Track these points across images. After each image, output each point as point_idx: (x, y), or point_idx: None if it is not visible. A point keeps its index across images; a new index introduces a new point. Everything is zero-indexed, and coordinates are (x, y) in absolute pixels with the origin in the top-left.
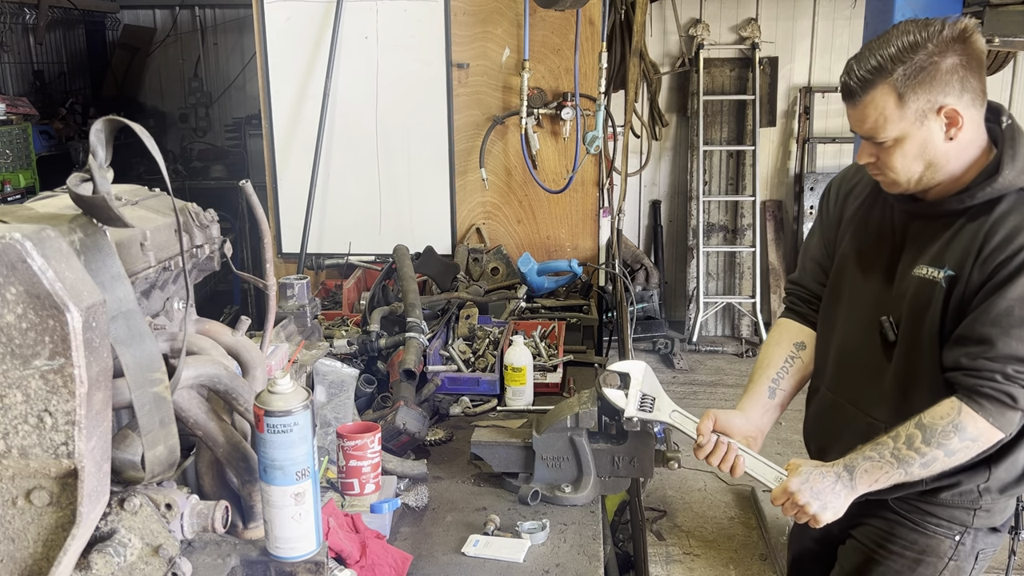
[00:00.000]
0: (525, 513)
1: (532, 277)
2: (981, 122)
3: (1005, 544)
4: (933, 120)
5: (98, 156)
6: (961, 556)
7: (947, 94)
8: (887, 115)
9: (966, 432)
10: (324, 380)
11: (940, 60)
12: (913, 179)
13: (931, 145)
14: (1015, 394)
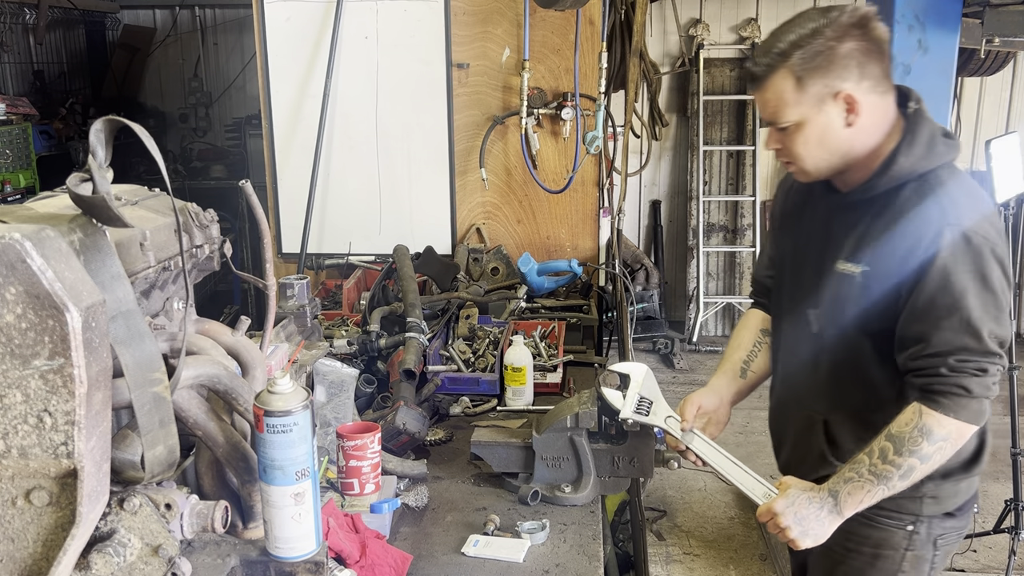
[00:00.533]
0: (525, 513)
1: (532, 277)
2: (886, 108)
3: (1005, 544)
4: (831, 105)
5: (98, 156)
6: (918, 545)
7: (845, 79)
8: (786, 99)
9: (934, 435)
10: (324, 380)
11: (838, 45)
12: (819, 166)
13: (831, 131)
14: (965, 384)
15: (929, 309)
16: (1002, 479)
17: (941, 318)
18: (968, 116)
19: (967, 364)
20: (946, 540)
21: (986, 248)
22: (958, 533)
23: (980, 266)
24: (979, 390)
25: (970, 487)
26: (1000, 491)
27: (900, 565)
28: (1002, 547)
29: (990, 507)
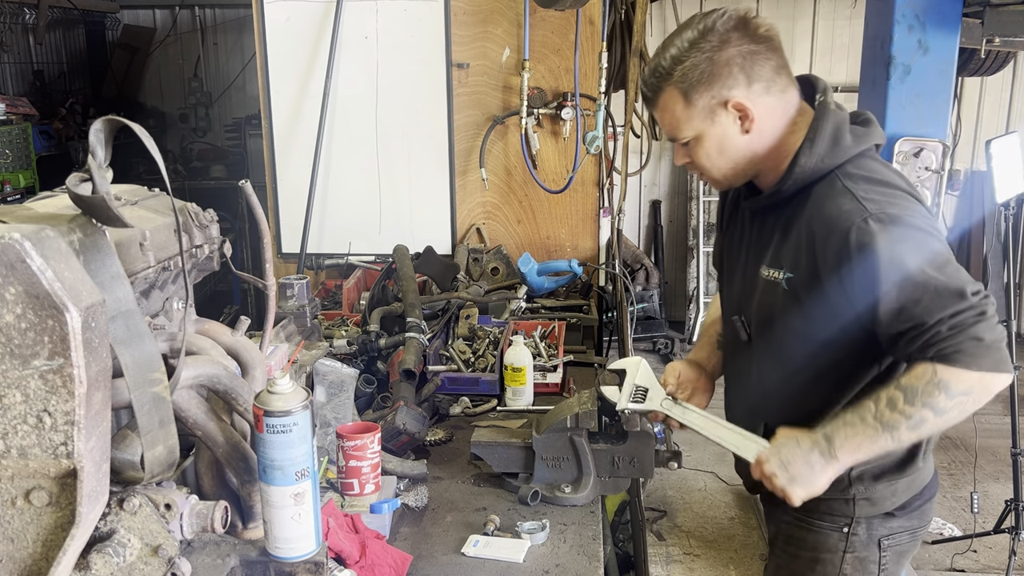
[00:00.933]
0: (525, 513)
1: (532, 277)
2: (785, 106)
3: (1005, 544)
4: (723, 115)
5: (97, 156)
6: (858, 547)
7: (731, 88)
8: (678, 116)
9: (951, 389)
10: (324, 380)
11: (717, 54)
12: (727, 175)
13: (728, 140)
14: (974, 333)
15: (906, 304)
16: (1002, 479)
17: (920, 303)
18: (968, 116)
19: (966, 316)
20: (895, 541)
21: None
22: (910, 533)
23: (919, 240)
24: (989, 335)
25: (910, 487)
26: (1000, 491)
27: (841, 568)
28: (1002, 547)
29: (990, 507)
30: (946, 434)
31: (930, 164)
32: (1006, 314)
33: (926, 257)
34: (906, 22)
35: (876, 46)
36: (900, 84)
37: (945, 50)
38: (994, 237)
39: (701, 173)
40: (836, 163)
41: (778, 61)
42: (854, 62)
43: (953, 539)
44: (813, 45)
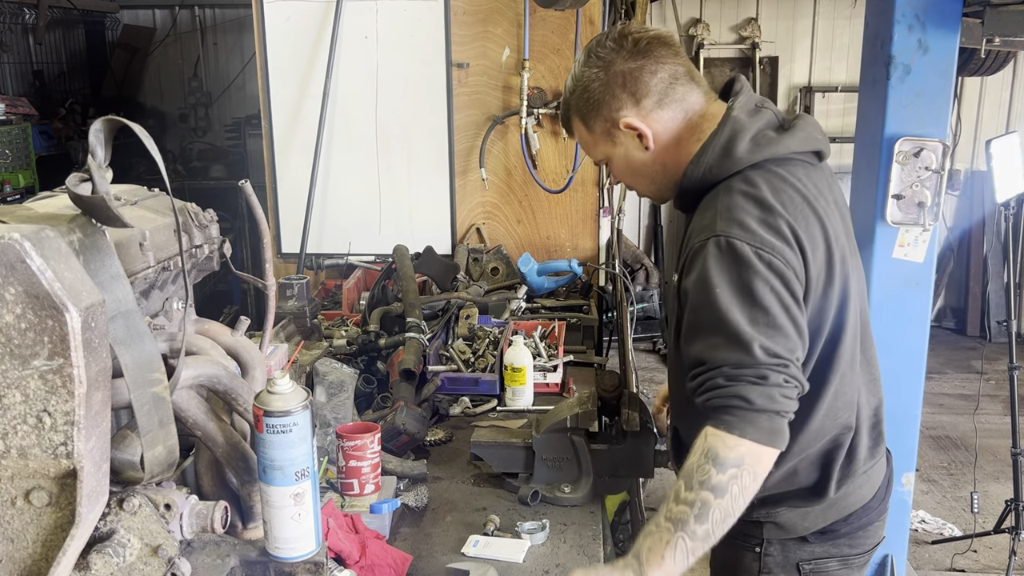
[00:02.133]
0: (525, 513)
1: (532, 277)
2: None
3: (1005, 544)
4: (621, 136)
5: (97, 156)
6: (773, 568)
7: (619, 108)
8: (585, 142)
9: (720, 459)
10: (324, 380)
11: (599, 78)
12: (650, 189)
13: (634, 159)
14: (743, 393)
15: (698, 327)
16: (1002, 479)
17: (709, 335)
18: (968, 116)
19: (744, 372)
20: (817, 567)
21: (754, 259)
22: (839, 560)
23: (745, 279)
24: (761, 400)
25: (825, 514)
26: (1000, 491)
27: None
28: (1002, 547)
29: (990, 507)
30: (946, 434)
31: (930, 164)
32: (1006, 314)
33: (742, 300)
34: (906, 22)
35: (876, 46)
36: (900, 84)
37: (945, 50)
38: (994, 237)
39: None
40: (725, 174)
41: (670, 70)
42: (854, 62)
43: (953, 539)
44: (813, 45)
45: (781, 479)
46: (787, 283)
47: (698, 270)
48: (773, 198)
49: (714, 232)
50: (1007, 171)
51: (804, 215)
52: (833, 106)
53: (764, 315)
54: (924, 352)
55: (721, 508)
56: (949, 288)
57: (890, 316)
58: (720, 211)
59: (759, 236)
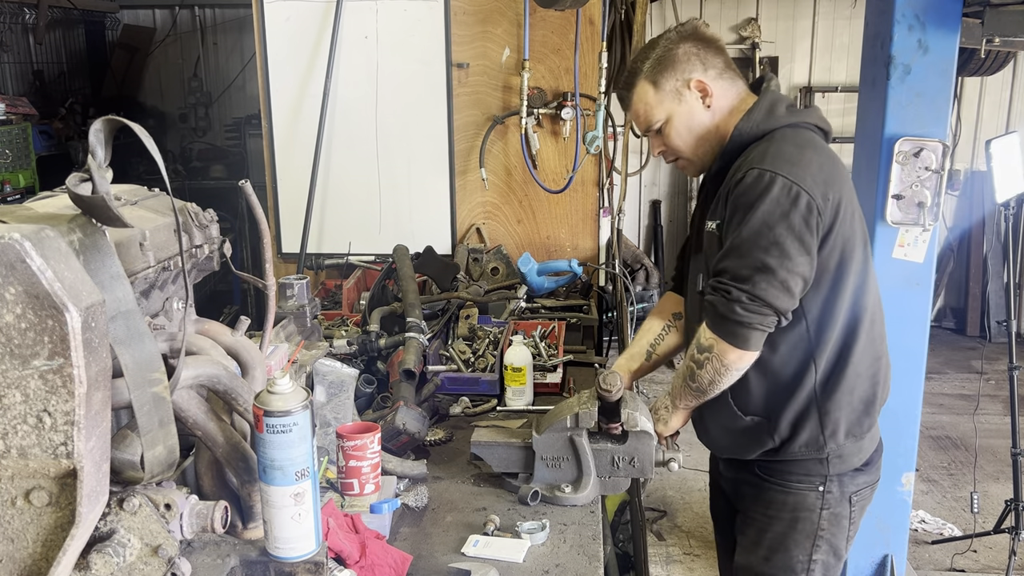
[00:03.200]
0: (525, 513)
1: (532, 277)
2: (737, 91)
3: (1005, 544)
4: (688, 93)
5: (97, 156)
6: (832, 503)
7: (691, 71)
8: (649, 102)
9: (700, 344)
10: (324, 380)
11: (675, 48)
12: (697, 152)
13: (694, 116)
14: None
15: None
16: (1002, 479)
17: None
18: (968, 116)
19: (720, 285)
20: (860, 496)
21: (786, 192)
22: (871, 488)
23: (770, 209)
24: (724, 310)
25: (872, 442)
26: (1000, 491)
27: (819, 524)
28: (1002, 547)
29: (990, 507)
30: (946, 434)
31: (930, 164)
32: (1006, 314)
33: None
34: (906, 22)
35: (876, 46)
36: (900, 84)
37: (945, 50)
38: (994, 237)
39: (676, 157)
40: (770, 127)
41: (726, 59)
42: (854, 62)
43: (953, 539)
44: (813, 45)
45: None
46: (809, 215)
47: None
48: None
49: (758, 165)
50: (1007, 171)
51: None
52: (833, 106)
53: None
54: (924, 352)
55: (698, 376)
56: (949, 288)
57: (890, 316)
58: (764, 151)
59: (794, 172)
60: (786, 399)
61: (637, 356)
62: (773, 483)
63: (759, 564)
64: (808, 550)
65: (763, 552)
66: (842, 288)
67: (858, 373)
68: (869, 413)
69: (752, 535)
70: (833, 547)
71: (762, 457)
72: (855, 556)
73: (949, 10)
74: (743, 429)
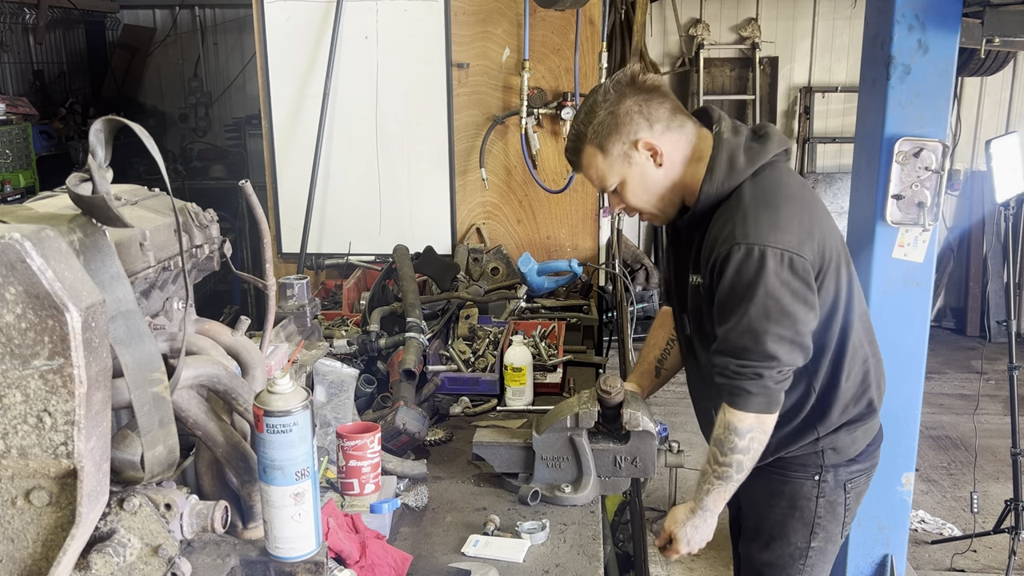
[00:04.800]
0: (525, 513)
1: (532, 277)
2: (687, 137)
3: (1005, 544)
4: (636, 155)
5: (97, 156)
6: (828, 491)
7: (636, 131)
8: (601, 168)
9: (739, 429)
10: (324, 380)
11: (617, 108)
12: (657, 207)
13: (647, 176)
14: (744, 386)
15: (720, 314)
16: (1002, 479)
17: (729, 322)
18: (968, 116)
19: (746, 368)
20: (855, 484)
21: (773, 260)
22: (866, 475)
23: (762, 280)
24: (757, 390)
25: (867, 434)
26: (1000, 491)
27: (816, 512)
28: (1002, 547)
29: (990, 507)
30: (946, 434)
31: (930, 164)
32: (1006, 314)
33: (759, 298)
34: (906, 22)
35: (876, 46)
36: (900, 84)
37: (945, 50)
38: (994, 237)
39: (639, 214)
40: (735, 184)
41: (671, 105)
42: (854, 62)
43: (953, 539)
44: (813, 45)
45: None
46: (805, 276)
47: (727, 274)
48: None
49: (737, 241)
50: (1007, 171)
51: (800, 201)
52: (833, 106)
53: (776, 305)
54: (924, 352)
55: (751, 460)
56: (949, 288)
57: (890, 316)
58: (738, 221)
59: (774, 238)
60: (785, 422)
61: (647, 373)
62: (772, 473)
63: (760, 551)
64: (806, 537)
65: (763, 540)
66: (834, 317)
67: (850, 380)
68: (864, 410)
69: (753, 523)
70: (829, 533)
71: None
72: (855, 556)
73: (949, 10)
74: None
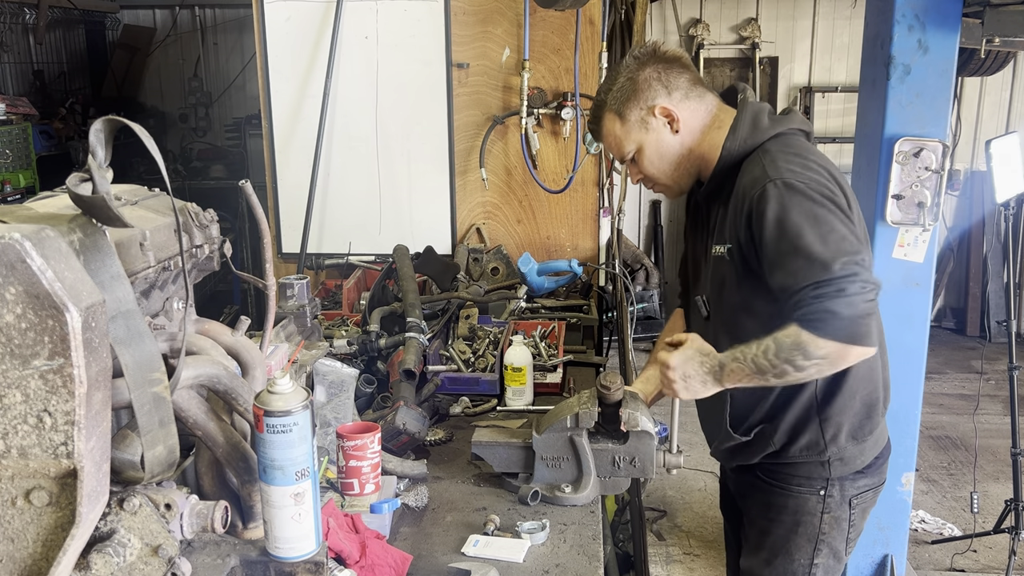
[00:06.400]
0: (525, 513)
1: (532, 277)
2: (706, 108)
3: (1005, 544)
4: (654, 122)
5: (97, 156)
6: (833, 507)
7: (654, 97)
8: (617, 134)
9: (810, 352)
10: (324, 380)
11: (636, 75)
12: (673, 177)
13: (664, 143)
14: (829, 307)
15: (777, 259)
16: (1002, 479)
17: (789, 262)
18: (968, 116)
19: (826, 290)
20: (861, 499)
21: (810, 189)
22: (873, 491)
23: (807, 207)
24: (846, 310)
25: (875, 446)
26: (1000, 491)
27: (820, 527)
28: (1002, 547)
29: (990, 507)
30: (946, 434)
31: (930, 164)
32: (1006, 314)
33: (810, 225)
34: (906, 22)
35: (876, 46)
36: (900, 84)
37: (945, 50)
38: (994, 237)
39: (654, 184)
40: (758, 141)
41: (692, 75)
42: (854, 62)
43: (953, 539)
44: (813, 45)
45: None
46: (839, 206)
47: (768, 212)
48: (804, 151)
49: (768, 179)
50: (1007, 171)
51: (827, 161)
52: (833, 106)
53: (831, 232)
54: (924, 352)
55: (796, 378)
56: (949, 288)
57: (890, 316)
58: (766, 165)
59: (805, 175)
60: (784, 406)
61: (652, 378)
62: (775, 486)
63: (761, 567)
64: (810, 554)
65: (765, 555)
66: None
67: (858, 378)
68: (871, 416)
69: (755, 538)
70: (833, 550)
71: (764, 460)
72: (855, 556)
73: (949, 10)
74: (745, 442)
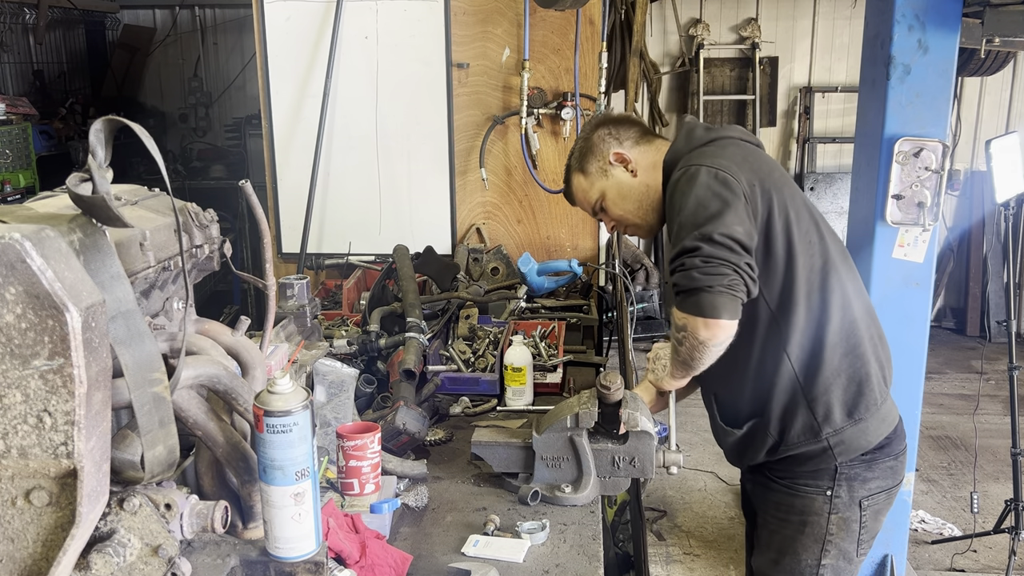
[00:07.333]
0: (525, 513)
1: (532, 277)
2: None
3: (1005, 544)
4: (612, 168)
5: (97, 156)
6: (841, 508)
7: (608, 149)
8: (583, 187)
9: (675, 324)
10: (324, 380)
11: (591, 136)
12: (643, 217)
13: (623, 184)
14: (676, 281)
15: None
16: (1002, 479)
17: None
18: (968, 116)
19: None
20: (873, 502)
21: (702, 173)
22: (886, 493)
23: (692, 186)
24: (685, 282)
25: (880, 424)
26: (1000, 491)
27: (827, 528)
28: (1002, 547)
29: (990, 507)
30: (946, 434)
31: (930, 164)
32: (1006, 314)
33: (692, 200)
34: (906, 22)
35: (876, 46)
36: (900, 84)
37: (945, 50)
38: (994, 237)
39: (625, 226)
40: (693, 146)
41: (640, 128)
42: (854, 62)
43: (953, 539)
44: (813, 45)
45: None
46: (732, 188)
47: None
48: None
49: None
50: (1007, 171)
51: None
52: (833, 106)
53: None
54: (924, 352)
55: (681, 353)
56: (949, 288)
57: (890, 316)
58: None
59: (716, 161)
60: (769, 393)
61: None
62: (782, 485)
63: (769, 566)
64: (817, 554)
65: (773, 554)
66: (795, 274)
67: (837, 353)
68: (864, 392)
69: (764, 537)
70: (843, 551)
71: (769, 456)
72: None
73: (949, 10)
74: (742, 437)
